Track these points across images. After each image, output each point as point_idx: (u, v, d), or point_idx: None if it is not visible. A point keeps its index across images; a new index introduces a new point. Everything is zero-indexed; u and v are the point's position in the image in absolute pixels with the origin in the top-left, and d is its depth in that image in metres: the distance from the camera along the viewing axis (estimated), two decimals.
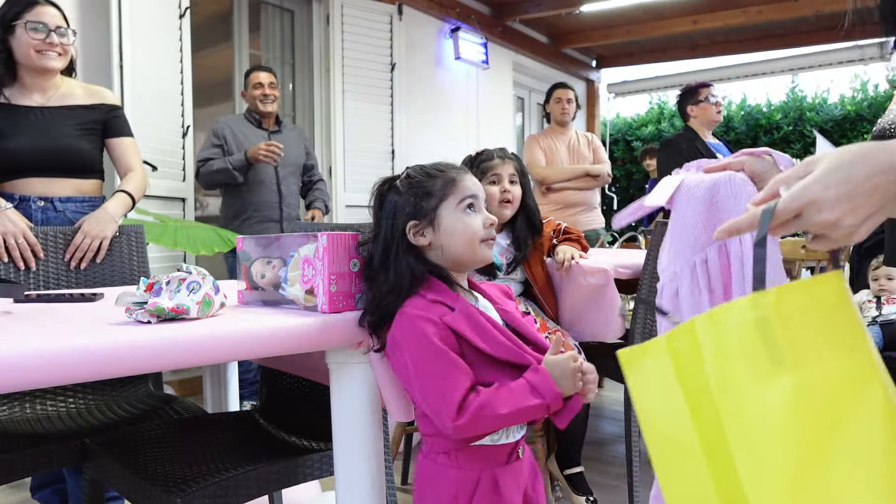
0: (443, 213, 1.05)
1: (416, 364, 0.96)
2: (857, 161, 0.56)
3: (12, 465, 1.31)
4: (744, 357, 0.58)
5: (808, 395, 0.56)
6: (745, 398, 0.57)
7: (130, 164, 2.03)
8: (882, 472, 0.55)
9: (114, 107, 2.04)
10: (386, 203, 1.07)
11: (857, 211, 0.57)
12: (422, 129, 5.07)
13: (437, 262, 1.06)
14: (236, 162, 3.06)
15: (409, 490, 2.32)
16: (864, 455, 0.55)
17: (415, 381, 0.97)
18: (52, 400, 1.62)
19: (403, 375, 1.00)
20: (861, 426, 0.55)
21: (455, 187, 1.06)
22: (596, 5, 5.60)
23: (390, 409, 1.13)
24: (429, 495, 1.03)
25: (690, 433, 0.60)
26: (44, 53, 1.88)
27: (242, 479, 1.17)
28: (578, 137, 3.95)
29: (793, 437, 0.56)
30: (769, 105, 7.60)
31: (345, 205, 4.36)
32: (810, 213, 0.58)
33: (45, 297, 1.31)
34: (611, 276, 1.90)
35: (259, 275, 1.18)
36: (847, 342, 0.58)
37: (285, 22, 4.45)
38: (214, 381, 1.75)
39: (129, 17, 3.02)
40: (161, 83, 3.23)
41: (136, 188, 1.98)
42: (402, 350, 0.98)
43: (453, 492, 1.00)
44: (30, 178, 1.89)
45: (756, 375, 0.57)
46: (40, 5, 1.89)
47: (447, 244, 1.05)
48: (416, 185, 1.06)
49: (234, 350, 0.95)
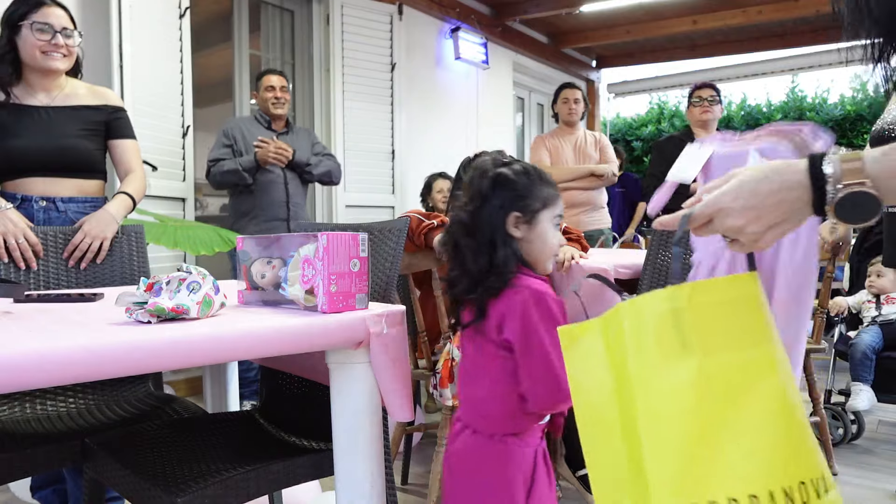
0: (542, 218, 1.16)
1: (552, 341, 1.06)
2: (767, 176, 0.64)
3: (12, 465, 1.31)
4: (657, 342, 0.64)
5: (708, 381, 0.62)
6: (655, 378, 0.64)
7: (131, 166, 2.03)
8: (766, 459, 0.61)
9: (117, 108, 2.04)
10: (497, 186, 1.15)
11: (761, 220, 0.64)
12: (422, 129, 5.07)
13: (520, 255, 1.16)
14: (246, 163, 3.10)
15: (409, 490, 2.32)
16: (753, 441, 0.61)
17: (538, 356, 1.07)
18: (52, 400, 1.62)
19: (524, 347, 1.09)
20: (754, 414, 0.62)
21: (555, 203, 1.19)
22: (596, 5, 5.60)
23: (390, 409, 1.13)
24: (493, 475, 1.12)
25: (612, 406, 0.67)
26: (49, 54, 1.88)
27: (242, 479, 1.17)
28: (586, 137, 3.94)
29: (691, 416, 0.62)
30: (769, 105, 7.60)
31: (345, 205, 4.36)
32: (720, 219, 0.66)
33: (45, 297, 1.31)
34: (611, 276, 1.90)
35: (259, 275, 1.18)
36: (751, 338, 0.65)
37: (285, 22, 4.45)
38: (214, 381, 1.75)
39: (129, 17, 3.02)
40: (161, 83, 3.23)
41: (136, 190, 1.98)
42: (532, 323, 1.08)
43: (529, 465, 1.13)
44: (32, 177, 1.90)
45: (666, 359, 0.64)
46: (47, 6, 1.89)
47: (535, 246, 1.16)
48: (530, 184, 1.16)
49: (234, 350, 0.96)
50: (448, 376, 1.95)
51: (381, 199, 4.61)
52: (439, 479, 1.98)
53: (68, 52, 1.92)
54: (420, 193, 4.07)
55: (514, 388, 1.11)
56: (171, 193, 3.32)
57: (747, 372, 0.64)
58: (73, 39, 1.92)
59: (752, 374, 0.64)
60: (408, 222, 1.57)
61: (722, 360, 0.63)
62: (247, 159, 3.11)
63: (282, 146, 3.11)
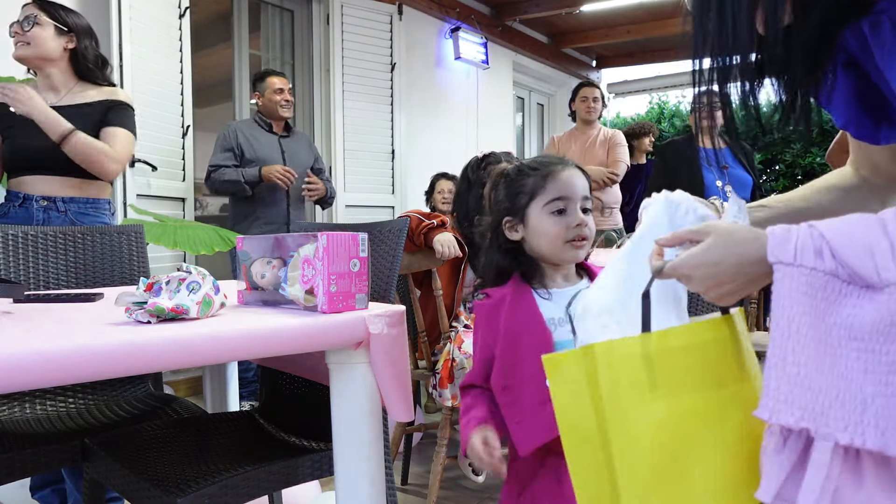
0: (531, 212, 1.10)
1: None
2: (729, 248, 0.69)
3: (12, 465, 1.31)
4: (629, 384, 0.71)
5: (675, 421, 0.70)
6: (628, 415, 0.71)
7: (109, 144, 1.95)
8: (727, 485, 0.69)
9: (117, 102, 2.02)
10: (493, 196, 1.16)
11: (721, 287, 0.70)
12: (422, 129, 5.07)
13: (532, 255, 1.12)
14: (249, 177, 3.11)
15: (408, 490, 2.32)
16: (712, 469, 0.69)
17: None
18: (52, 400, 1.62)
19: None
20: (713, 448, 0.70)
21: (544, 188, 1.09)
22: (596, 5, 5.60)
23: (390, 409, 1.13)
24: None
25: (592, 425, 0.73)
26: (15, 44, 1.92)
27: (242, 479, 1.17)
28: (598, 136, 3.91)
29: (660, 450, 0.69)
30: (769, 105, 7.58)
31: (345, 205, 4.36)
32: (684, 280, 0.73)
33: (45, 297, 1.31)
34: None
35: (259, 275, 1.18)
36: (719, 378, 0.72)
37: (285, 22, 4.45)
38: (214, 381, 1.75)
39: (129, 17, 3.02)
40: (161, 83, 3.23)
41: (90, 140, 1.89)
42: None
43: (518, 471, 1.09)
44: (33, 175, 1.90)
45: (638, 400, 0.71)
46: None
47: (534, 243, 1.11)
48: (512, 182, 1.13)
49: (234, 350, 0.95)
50: (448, 376, 1.95)
51: (381, 199, 4.60)
52: (439, 479, 1.98)
53: (29, 40, 1.92)
54: (425, 192, 4.09)
55: None
56: (171, 193, 3.32)
57: (712, 411, 0.71)
58: (33, 29, 1.92)
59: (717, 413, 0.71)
60: (408, 222, 1.57)
61: (688, 401, 0.71)
62: (250, 172, 3.11)
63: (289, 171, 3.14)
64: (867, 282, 0.61)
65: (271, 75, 3.31)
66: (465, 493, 2.31)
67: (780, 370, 0.63)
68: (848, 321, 0.61)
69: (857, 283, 0.62)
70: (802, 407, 0.61)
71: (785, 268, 0.64)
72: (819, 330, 0.62)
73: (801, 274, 0.63)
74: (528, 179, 1.11)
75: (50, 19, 1.94)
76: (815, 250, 0.63)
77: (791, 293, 0.64)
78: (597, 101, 3.89)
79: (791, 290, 0.64)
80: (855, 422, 0.59)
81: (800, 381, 0.62)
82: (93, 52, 2.02)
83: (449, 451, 2.01)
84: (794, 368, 0.62)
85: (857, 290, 0.62)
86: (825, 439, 0.60)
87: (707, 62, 0.78)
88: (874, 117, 0.79)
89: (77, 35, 1.98)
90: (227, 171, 3.12)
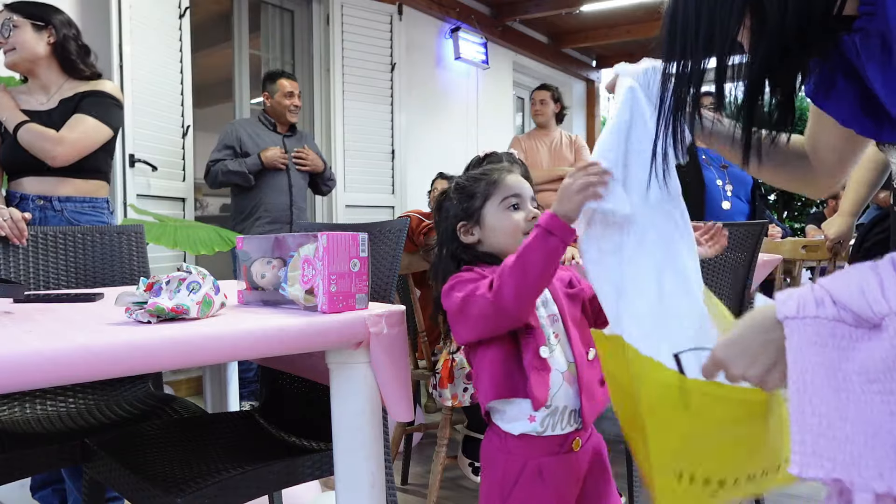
0: (487, 212, 1.16)
1: None
2: (747, 322, 0.71)
3: (12, 465, 1.31)
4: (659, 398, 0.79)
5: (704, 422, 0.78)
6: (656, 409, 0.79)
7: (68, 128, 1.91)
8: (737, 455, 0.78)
9: (94, 91, 1.99)
10: (442, 210, 1.22)
11: (757, 362, 0.69)
12: (422, 129, 5.07)
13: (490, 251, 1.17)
14: (251, 165, 3.11)
15: (409, 490, 2.32)
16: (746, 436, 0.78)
17: None
18: (52, 400, 1.62)
19: None
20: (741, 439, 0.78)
21: (497, 188, 1.17)
22: (596, 5, 5.60)
23: (390, 409, 1.13)
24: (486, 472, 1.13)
25: (630, 387, 0.82)
26: (4, 53, 1.94)
27: (242, 479, 1.17)
28: (562, 139, 3.96)
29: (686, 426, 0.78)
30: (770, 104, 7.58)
31: (345, 205, 4.37)
32: (724, 370, 0.74)
33: (45, 297, 1.31)
34: None
35: (259, 275, 1.18)
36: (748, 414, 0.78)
37: (285, 22, 4.45)
38: (214, 381, 1.75)
39: (129, 17, 3.02)
40: (161, 83, 3.23)
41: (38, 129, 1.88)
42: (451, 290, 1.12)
43: (500, 475, 1.09)
44: (29, 176, 1.90)
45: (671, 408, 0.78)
46: None
47: (493, 240, 1.16)
48: (463, 189, 1.19)
49: (234, 350, 0.95)
50: (448, 376, 1.95)
51: (381, 199, 4.61)
52: (439, 479, 1.98)
53: (13, 45, 1.93)
54: (427, 193, 4.12)
55: None
56: (171, 193, 3.32)
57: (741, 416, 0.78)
58: (12, 33, 1.93)
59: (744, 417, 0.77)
60: (408, 222, 1.57)
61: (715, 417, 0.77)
62: (252, 161, 3.12)
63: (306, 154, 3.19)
64: (868, 321, 0.60)
65: (282, 77, 3.29)
66: (465, 493, 2.31)
67: (801, 424, 0.61)
68: (864, 365, 0.59)
69: (865, 326, 0.61)
70: (832, 458, 0.59)
71: (792, 322, 0.64)
72: (836, 378, 0.60)
73: (806, 325, 0.63)
74: (480, 184, 1.18)
75: (24, 18, 1.94)
76: (815, 300, 0.63)
77: (801, 346, 0.63)
78: (544, 103, 3.92)
79: (801, 343, 0.63)
80: (889, 467, 0.56)
81: (823, 432, 0.60)
82: (75, 42, 2.01)
83: (449, 451, 2.01)
84: (815, 419, 0.60)
85: (866, 332, 0.61)
86: (863, 490, 0.58)
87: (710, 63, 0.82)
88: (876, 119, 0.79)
89: (55, 27, 1.96)
90: (229, 162, 3.13)
